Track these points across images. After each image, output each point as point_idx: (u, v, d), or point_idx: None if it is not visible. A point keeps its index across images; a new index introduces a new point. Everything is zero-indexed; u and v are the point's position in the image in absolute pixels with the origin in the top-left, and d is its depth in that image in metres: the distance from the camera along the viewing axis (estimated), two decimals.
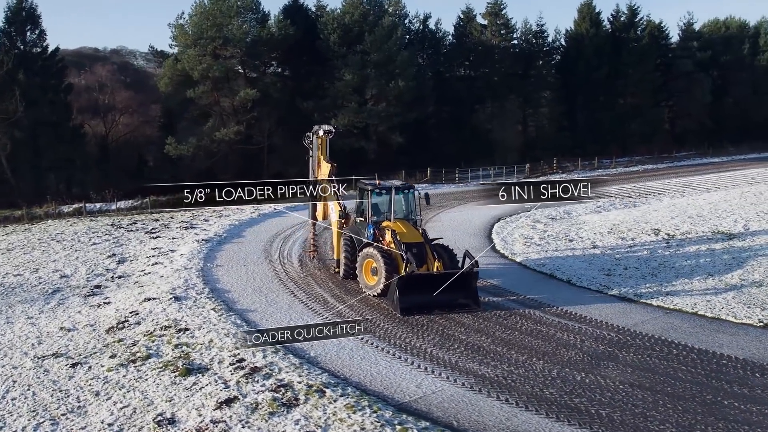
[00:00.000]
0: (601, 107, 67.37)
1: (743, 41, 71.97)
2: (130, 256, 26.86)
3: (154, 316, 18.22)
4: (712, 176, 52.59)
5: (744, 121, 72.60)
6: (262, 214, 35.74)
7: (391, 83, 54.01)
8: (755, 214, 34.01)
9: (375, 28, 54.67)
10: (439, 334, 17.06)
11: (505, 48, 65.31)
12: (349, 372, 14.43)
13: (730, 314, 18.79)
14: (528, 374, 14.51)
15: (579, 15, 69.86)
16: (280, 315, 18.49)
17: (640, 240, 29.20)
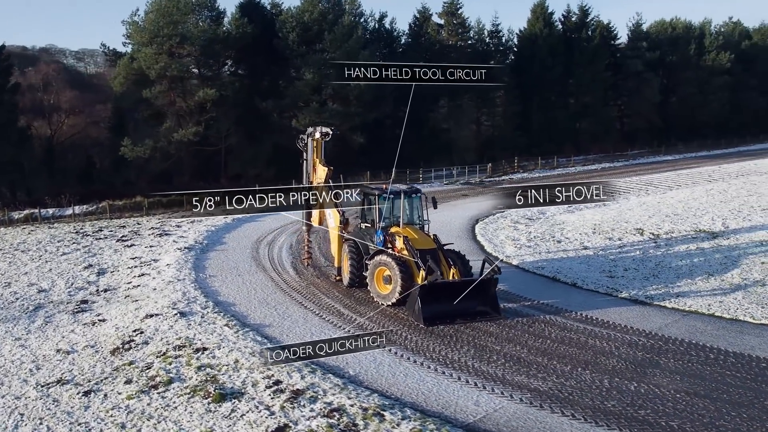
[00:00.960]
0: (555, 106, 68.11)
1: (689, 42, 74.06)
2: (109, 266, 25.18)
3: (162, 335, 16.89)
4: (670, 174, 53.67)
5: (691, 120, 74.74)
6: (237, 219, 34.32)
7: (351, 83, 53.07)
8: (729, 212, 34.61)
9: (334, 27, 53.66)
10: (472, 345, 16.38)
11: (462, 47, 65.22)
12: (398, 391, 13.58)
13: (747, 315, 18.76)
14: (581, 386, 13.97)
15: (532, 15, 70.48)
16: (298, 329, 17.45)
17: (627, 240, 29.21)
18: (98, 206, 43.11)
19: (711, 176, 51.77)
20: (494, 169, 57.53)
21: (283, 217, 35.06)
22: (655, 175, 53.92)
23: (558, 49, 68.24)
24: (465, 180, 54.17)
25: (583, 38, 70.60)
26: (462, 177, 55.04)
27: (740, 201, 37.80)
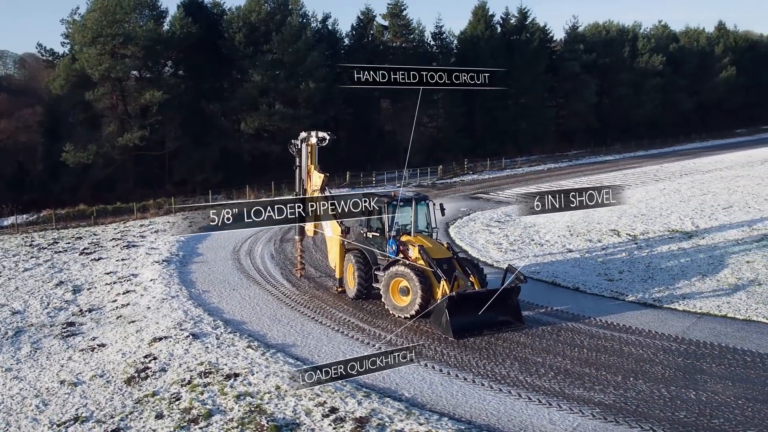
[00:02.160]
0: (497, 108, 68.60)
1: (623, 44, 76.21)
2: (83, 283, 23.28)
3: (179, 360, 15.52)
4: (617, 174, 54.82)
5: (625, 120, 76.92)
6: (203, 227, 32.55)
7: (301, 84, 51.77)
8: (692, 211, 35.42)
9: (282, 28, 52.18)
10: (513, 358, 15.86)
11: (407, 49, 64.78)
12: (466, 413, 12.89)
13: (759, 316, 19.02)
14: (642, 397, 13.70)
15: (473, 17, 70.82)
16: (325, 348, 16.46)
17: (608, 242, 29.35)
18: (39, 216, 40.27)
19: (656, 175, 53.17)
20: (445, 171, 57.35)
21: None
22: (602, 175, 54.94)
23: (499, 52, 68.73)
24: (417, 182, 53.69)
25: (522, 40, 71.41)
26: (414, 179, 54.54)
27: (698, 200, 38.81)
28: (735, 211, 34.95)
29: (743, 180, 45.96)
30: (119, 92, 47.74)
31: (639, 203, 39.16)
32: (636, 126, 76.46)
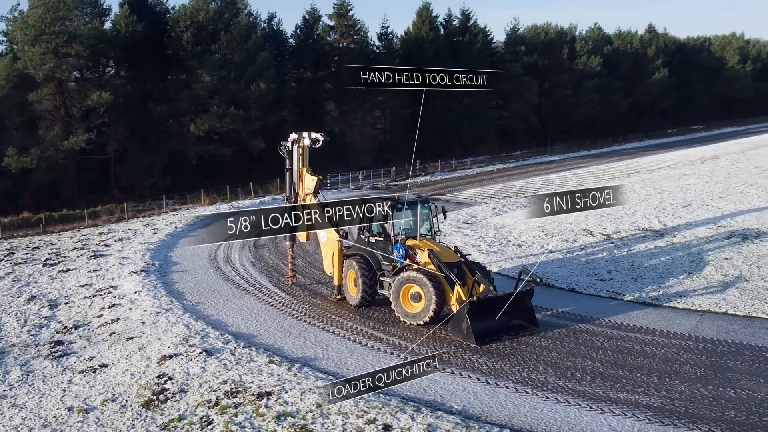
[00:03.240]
0: (443, 109, 68.80)
1: (562, 46, 77.83)
2: (58, 297, 21.72)
3: (198, 379, 14.51)
4: (566, 174, 55.68)
5: (565, 121, 78.52)
6: (170, 235, 31.15)
7: (252, 85, 50.41)
8: (654, 210, 36.18)
9: (231, 27, 50.72)
10: (542, 363, 15.62)
11: (354, 50, 64.14)
12: (525, 424, 12.56)
13: (759, 312, 19.44)
14: (686, 397, 13.72)
15: (418, 18, 70.78)
16: (351, 360, 15.83)
17: (584, 241, 29.57)
18: None
19: (605, 175, 54.31)
20: (398, 173, 57.05)
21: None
22: (552, 175, 55.78)
23: (443, 53, 68.99)
24: (371, 185, 53.15)
25: (465, 42, 71.88)
26: (367, 181, 53.99)
27: (656, 199, 39.70)
28: (695, 209, 35.89)
29: (691, 179, 47.40)
30: (63, 93, 45.21)
31: None
32: (575, 126, 78.15)
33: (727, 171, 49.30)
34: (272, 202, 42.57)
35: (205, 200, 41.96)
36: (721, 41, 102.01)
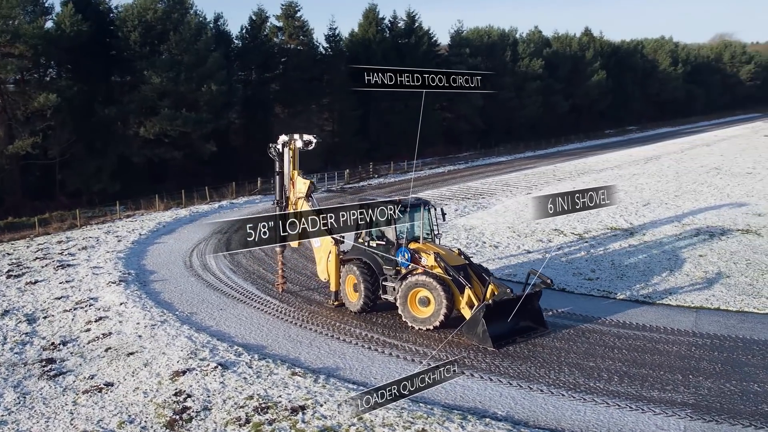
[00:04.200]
0: (391, 111, 68.78)
1: (505, 48, 78.99)
2: (34, 311, 20.36)
3: (220, 396, 13.76)
4: (518, 174, 56.42)
5: (509, 122, 79.72)
6: (137, 242, 29.79)
7: (203, 87, 49.01)
8: (617, 209, 36.82)
9: (180, 27, 49.18)
10: (566, 364, 15.63)
11: (301, 51, 63.29)
12: (574, 426, 12.52)
13: (749, 306, 20.04)
14: (716, 393, 14.01)
15: (364, 20, 70.52)
16: (374, 369, 15.43)
17: (558, 241, 29.88)
18: None
19: (556, 175, 55.25)
20: (352, 175, 56.58)
21: (185, 237, 31.28)
22: (503, 176, 56.39)
23: (390, 55, 68.95)
24: (325, 188, 52.43)
25: (412, 44, 72.06)
26: (321, 185, 53.19)
27: (616, 198, 40.43)
28: (655, 207, 36.82)
29: (642, 178, 48.72)
30: (4, 96, 42.74)
31: None
32: (518, 127, 79.45)
33: (674, 170, 50.92)
34: (230, 206, 41.47)
35: (159, 206, 40.40)
36: (653, 44, 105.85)
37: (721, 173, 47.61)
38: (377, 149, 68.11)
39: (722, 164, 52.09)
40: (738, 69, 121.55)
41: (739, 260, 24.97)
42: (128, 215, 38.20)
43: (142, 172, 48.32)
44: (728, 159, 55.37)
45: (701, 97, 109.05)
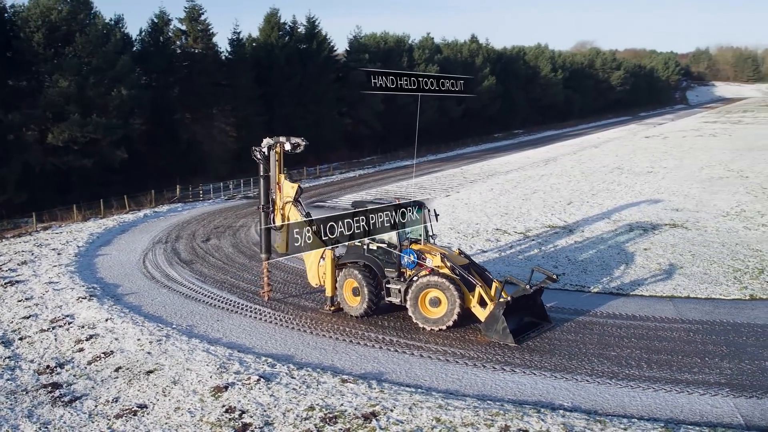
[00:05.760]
0: (295, 117, 68.18)
1: (402, 54, 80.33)
2: (3, 332, 18.56)
3: (277, 409, 13.29)
4: (430, 177, 57.52)
5: (408, 127, 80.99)
6: (78, 254, 27.75)
7: (112, 91, 46.42)
8: (543, 208, 38.52)
9: (86, 28, 46.34)
10: (592, 355, 16.39)
11: (206, 55, 61.32)
12: (643, 413, 13.12)
13: (715, 294, 21.70)
14: (740, 372, 15.17)
15: (266, 24, 69.40)
16: (416, 371, 15.51)
17: (506, 240, 30.79)
18: None
19: (465, 177, 56.84)
20: None
21: (125, 247, 29.52)
22: (416, 179, 57.23)
23: (293, 60, 68.41)
24: (242, 194, 51.08)
25: (313, 49, 71.76)
26: (238, 190, 51.87)
27: (538, 198, 42.24)
28: (579, 206, 38.75)
29: (551, 178, 51.14)
30: None
31: (485, 204, 41.39)
32: (415, 132, 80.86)
33: (579, 171, 53.86)
34: (155, 215, 39.53)
35: (77, 216, 37.81)
36: (534, 51, 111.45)
37: (624, 172, 50.93)
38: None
39: (622, 164, 55.72)
40: (609, 75, 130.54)
41: (683, 252, 26.85)
42: (45, 227, 35.47)
43: (49, 182, 44.95)
44: (624, 159, 59.27)
45: (578, 102, 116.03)
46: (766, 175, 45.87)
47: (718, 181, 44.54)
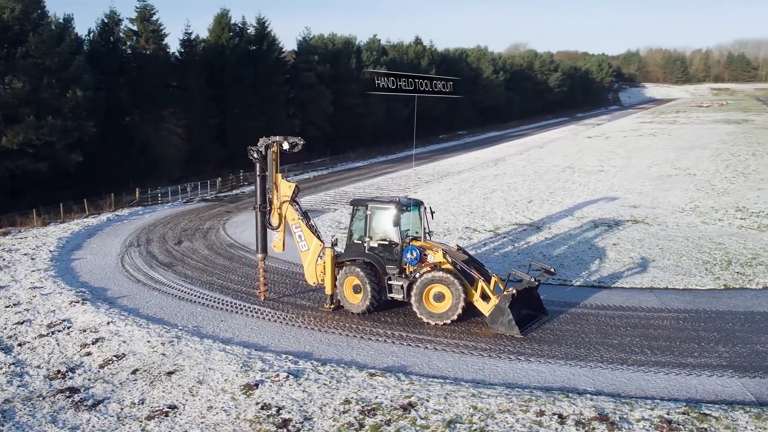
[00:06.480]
0: (247, 119, 67.73)
1: (350, 56, 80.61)
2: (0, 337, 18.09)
3: (313, 405, 13.51)
4: (385, 178, 57.95)
5: (357, 129, 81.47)
6: (53, 259, 27.01)
7: (68, 93, 45.15)
8: (506, 206, 39.47)
9: (39, 28, 44.95)
10: (596, 344, 17.21)
11: (158, 56, 60.14)
12: (663, 394, 13.94)
13: (691, 284, 22.86)
14: (737, 355, 16.17)
15: (216, 25, 68.52)
16: (437, 363, 16.03)
17: (478, 238, 31.58)
18: None
19: (420, 178, 57.59)
20: (224, 183, 54.97)
21: (98, 251, 28.90)
22: (372, 179, 57.65)
23: (244, 61, 67.90)
24: (199, 196, 50.42)
25: (263, 51, 71.33)
26: (195, 193, 51.14)
27: (498, 197, 43.18)
28: (540, 204, 39.86)
29: (506, 178, 52.40)
30: None
31: (447, 203, 42.04)
32: (364, 134, 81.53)
33: (532, 170, 55.37)
34: (117, 219, 38.71)
35: (37, 221, 36.70)
36: (476, 53, 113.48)
37: (575, 171, 52.65)
38: (235, 157, 66.58)
39: (572, 164, 57.54)
40: (547, 77, 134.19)
41: (652, 246, 28.14)
42: (4, 232, 34.30)
43: (2, 187, 43.39)
44: (574, 159, 61.19)
45: (518, 103, 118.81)
46: (712, 173, 48.33)
47: (667, 178, 46.66)
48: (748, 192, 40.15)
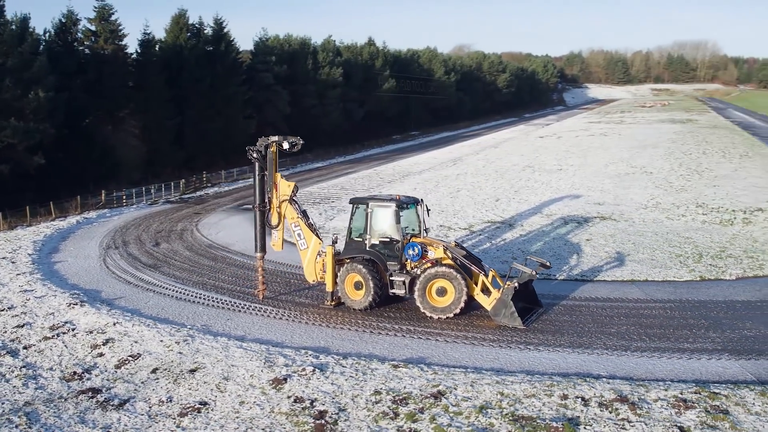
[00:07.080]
0: (206, 120, 67.17)
1: (306, 57, 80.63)
2: (3, 342, 17.81)
3: (345, 396, 13.93)
4: (345, 179, 57.97)
5: (313, 129, 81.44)
6: (34, 262, 26.53)
7: (30, 93, 44.14)
8: (475, 205, 40.36)
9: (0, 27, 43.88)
10: (598, 333, 18.10)
11: (117, 57, 59.06)
12: (673, 376, 14.78)
13: (669, 276, 24.03)
14: (732, 339, 17.28)
15: (174, 25, 67.64)
16: (453, 354, 16.67)
17: (456, 235, 32.15)
18: None
19: (382, 178, 57.94)
20: (187, 185, 54.41)
21: (78, 253, 28.49)
22: (335, 179, 57.83)
23: (202, 62, 67.30)
24: (163, 198, 49.81)
25: (221, 51, 70.77)
26: (159, 194, 50.45)
27: (465, 196, 43.98)
28: (507, 202, 40.85)
29: (468, 177, 53.41)
30: None
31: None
32: (321, 134, 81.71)
33: (493, 169, 56.59)
34: (86, 222, 38.06)
35: (3, 225, 35.79)
36: (428, 54, 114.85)
37: (535, 171, 54.09)
38: (193, 159, 65.96)
39: (531, 163, 59.02)
40: (496, 77, 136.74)
41: (624, 241, 29.35)
42: None
43: None
44: (531, 158, 62.75)
45: (468, 104, 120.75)
46: (668, 171, 50.43)
47: (626, 177, 48.46)
48: (704, 189, 42.16)
